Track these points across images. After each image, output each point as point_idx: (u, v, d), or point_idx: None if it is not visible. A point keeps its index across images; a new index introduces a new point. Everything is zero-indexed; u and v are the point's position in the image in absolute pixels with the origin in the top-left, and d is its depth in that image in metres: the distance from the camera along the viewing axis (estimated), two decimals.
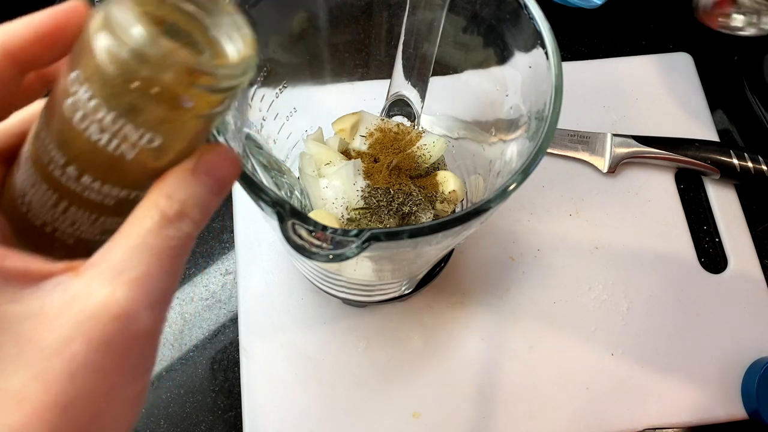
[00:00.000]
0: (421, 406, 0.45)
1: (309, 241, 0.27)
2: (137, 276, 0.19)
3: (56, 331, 0.18)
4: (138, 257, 0.19)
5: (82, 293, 0.19)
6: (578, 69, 0.58)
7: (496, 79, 0.38)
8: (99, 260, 0.19)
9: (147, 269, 0.19)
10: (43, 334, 0.18)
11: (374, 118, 0.43)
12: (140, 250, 0.19)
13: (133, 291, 0.19)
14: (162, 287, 0.20)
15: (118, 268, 0.19)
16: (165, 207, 0.20)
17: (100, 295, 0.19)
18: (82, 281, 0.19)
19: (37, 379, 0.18)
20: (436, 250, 0.38)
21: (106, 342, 0.18)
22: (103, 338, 0.18)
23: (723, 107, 0.60)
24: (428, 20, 0.36)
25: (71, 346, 0.18)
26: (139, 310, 0.19)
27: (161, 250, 0.20)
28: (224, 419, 0.46)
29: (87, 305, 0.18)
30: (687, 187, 0.55)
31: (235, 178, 0.22)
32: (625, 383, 0.47)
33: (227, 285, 0.50)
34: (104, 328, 0.18)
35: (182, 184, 0.20)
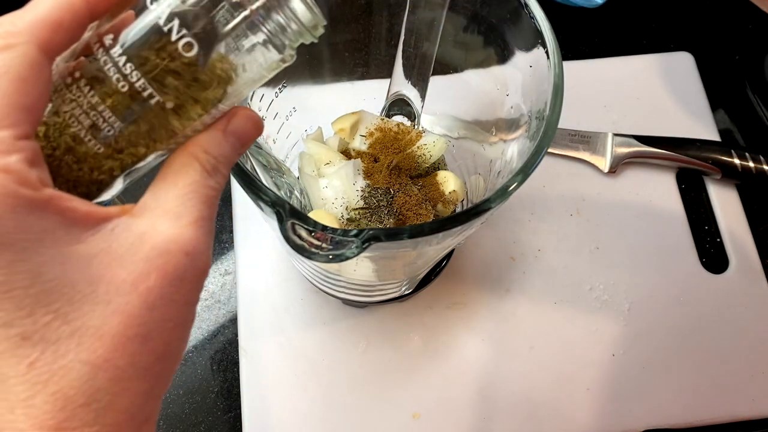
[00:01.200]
0: (421, 406, 0.45)
1: (308, 241, 0.27)
2: (196, 219, 0.21)
3: (129, 267, 0.19)
4: (191, 203, 0.21)
5: (150, 231, 0.20)
6: (579, 68, 0.58)
7: (497, 79, 0.38)
8: (152, 204, 0.21)
9: (200, 214, 0.21)
10: (116, 271, 0.19)
11: (374, 118, 0.43)
12: (192, 197, 0.21)
13: (197, 231, 0.21)
14: (211, 230, 0.22)
15: (177, 211, 0.21)
16: (204, 161, 0.22)
17: (170, 233, 0.20)
18: (145, 221, 0.20)
19: (116, 314, 0.19)
20: (437, 250, 0.37)
21: (179, 276, 0.20)
22: (177, 273, 0.20)
23: (724, 107, 0.60)
24: (428, 19, 0.36)
25: (147, 281, 0.19)
26: (203, 249, 0.21)
27: (207, 198, 0.22)
28: (224, 420, 0.46)
29: (157, 242, 0.20)
30: (688, 186, 0.55)
31: (255, 138, 0.24)
32: (625, 383, 0.47)
33: (226, 285, 0.50)
34: (177, 263, 0.20)
35: (217, 142, 0.23)
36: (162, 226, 0.20)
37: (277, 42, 0.22)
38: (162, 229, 0.20)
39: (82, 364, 0.18)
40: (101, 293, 0.19)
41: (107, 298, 0.19)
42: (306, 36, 0.22)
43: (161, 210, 0.21)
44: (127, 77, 0.21)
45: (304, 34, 0.22)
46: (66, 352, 0.18)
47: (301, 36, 0.22)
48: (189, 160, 0.22)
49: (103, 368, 0.18)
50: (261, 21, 0.21)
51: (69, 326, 0.18)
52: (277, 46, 0.22)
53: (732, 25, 0.63)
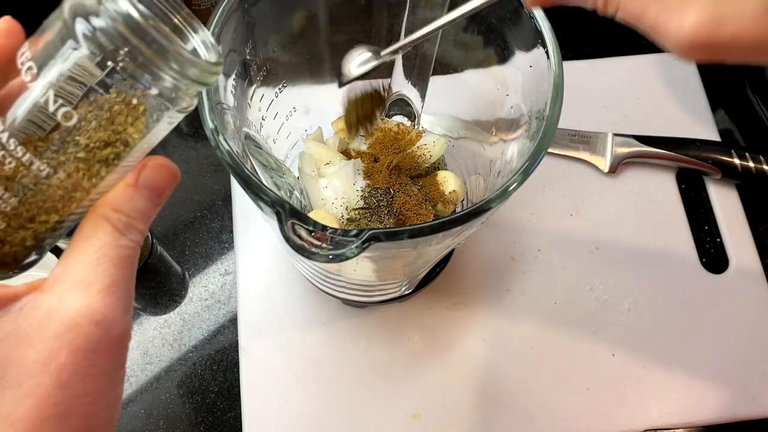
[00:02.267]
0: (421, 406, 0.45)
1: (308, 241, 0.27)
2: (107, 285, 0.20)
3: (38, 346, 0.19)
4: (102, 268, 0.20)
5: (58, 307, 0.19)
6: (579, 68, 0.58)
7: (497, 79, 0.38)
8: (62, 276, 0.20)
9: (113, 279, 0.20)
10: (25, 352, 0.19)
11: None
12: (102, 262, 0.20)
13: (108, 298, 0.20)
14: (128, 294, 0.21)
15: (86, 280, 0.20)
16: (115, 220, 0.21)
17: (78, 306, 0.19)
18: (54, 296, 0.20)
19: (27, 397, 0.18)
20: (437, 250, 0.37)
21: (92, 348, 0.19)
22: (88, 345, 0.19)
23: (724, 107, 0.60)
24: (428, 19, 0.36)
25: (58, 358, 0.19)
26: (117, 316, 0.20)
27: (120, 259, 0.21)
28: (224, 420, 0.46)
29: (65, 317, 0.19)
30: (688, 186, 0.55)
31: (173, 187, 0.23)
32: (626, 383, 0.47)
33: (226, 285, 0.50)
34: (88, 336, 0.19)
35: (127, 198, 0.22)
36: (70, 299, 0.20)
37: (168, 95, 0.21)
38: (70, 302, 0.20)
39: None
40: (11, 377, 0.18)
41: (17, 382, 0.18)
42: (198, 86, 0.22)
43: (70, 281, 0.20)
44: (12, 153, 0.20)
45: (196, 85, 0.21)
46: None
47: (194, 86, 0.21)
48: (98, 222, 0.21)
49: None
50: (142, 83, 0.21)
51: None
52: (170, 100, 0.21)
53: None
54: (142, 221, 0.22)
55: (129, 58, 0.20)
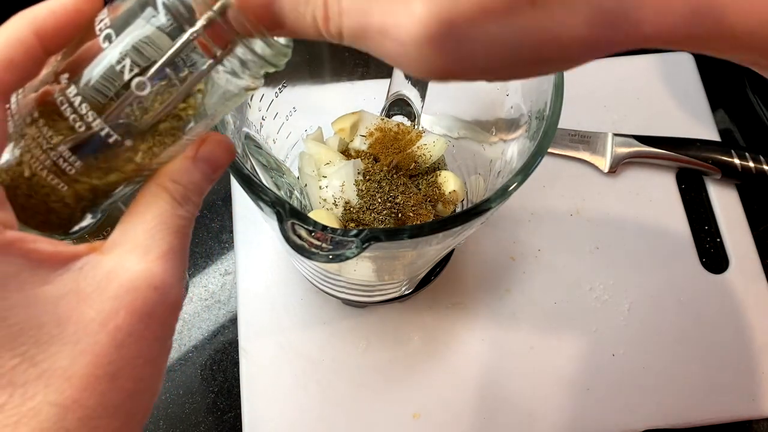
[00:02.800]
0: (421, 406, 0.45)
1: (308, 241, 0.27)
2: (165, 252, 0.21)
3: (97, 305, 0.19)
4: (160, 235, 0.21)
5: (117, 269, 0.20)
6: (579, 68, 0.57)
7: None
8: (121, 240, 0.21)
9: (170, 246, 0.21)
10: (84, 310, 0.19)
11: (374, 118, 0.43)
12: (161, 229, 0.21)
13: (166, 264, 0.21)
14: (183, 262, 0.22)
15: (145, 245, 0.21)
16: (173, 190, 0.22)
17: (137, 269, 0.20)
18: (113, 258, 0.20)
19: (84, 354, 0.19)
20: (437, 250, 0.37)
21: (148, 312, 0.20)
22: (145, 309, 0.20)
23: (724, 107, 0.60)
24: None
25: (116, 318, 0.19)
26: (173, 282, 0.21)
27: (177, 228, 0.21)
28: (223, 420, 0.46)
29: (125, 279, 0.20)
30: (688, 186, 0.55)
31: (228, 164, 0.24)
32: (626, 383, 0.47)
33: (226, 285, 0.50)
34: (146, 299, 0.20)
35: (185, 170, 0.22)
36: (129, 262, 0.20)
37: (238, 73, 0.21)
38: (129, 265, 0.20)
39: (51, 405, 0.18)
40: (69, 333, 0.19)
41: (75, 338, 0.19)
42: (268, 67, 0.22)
43: (130, 245, 0.20)
44: (84, 117, 0.20)
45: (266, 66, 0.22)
46: (34, 395, 0.18)
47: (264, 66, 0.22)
48: (157, 190, 0.22)
49: (72, 409, 0.18)
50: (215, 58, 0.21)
51: (36, 368, 0.18)
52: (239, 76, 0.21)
53: None
54: (197, 194, 0.22)
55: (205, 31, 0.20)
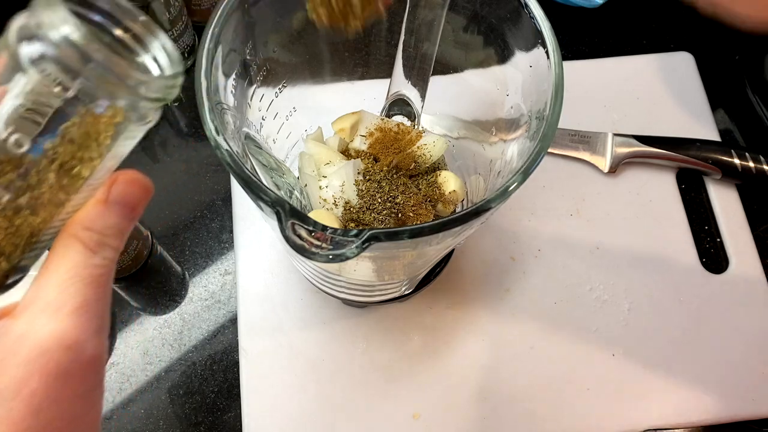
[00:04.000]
0: (421, 406, 0.45)
1: (308, 241, 0.27)
2: (78, 306, 0.20)
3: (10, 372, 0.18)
4: (73, 289, 0.20)
5: (28, 332, 0.19)
6: (579, 68, 0.58)
7: (497, 79, 0.38)
8: (33, 299, 0.20)
9: (84, 299, 0.20)
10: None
11: (374, 118, 0.43)
12: (73, 282, 0.20)
13: (79, 320, 0.20)
14: (101, 313, 0.20)
15: (57, 302, 0.20)
16: (85, 239, 0.21)
17: (48, 330, 0.19)
18: (23, 321, 0.19)
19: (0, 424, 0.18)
20: (437, 250, 0.37)
21: (63, 372, 0.19)
22: (60, 369, 0.19)
23: (724, 107, 0.60)
24: (428, 19, 0.36)
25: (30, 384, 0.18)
26: (88, 337, 0.20)
27: (93, 279, 0.20)
28: (223, 420, 0.46)
29: (36, 342, 0.19)
30: (688, 187, 0.55)
31: (147, 200, 0.23)
32: (626, 384, 0.47)
33: (226, 285, 0.50)
34: (59, 360, 0.19)
35: (98, 215, 0.21)
36: (40, 323, 0.19)
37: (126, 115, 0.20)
38: (40, 326, 0.19)
39: None
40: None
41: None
42: (155, 103, 0.21)
43: (41, 304, 0.20)
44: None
45: (152, 102, 0.21)
46: None
47: (152, 102, 0.21)
48: (69, 241, 0.21)
49: None
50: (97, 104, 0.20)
51: None
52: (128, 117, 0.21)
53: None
54: (115, 237, 0.21)
55: (78, 82, 0.19)
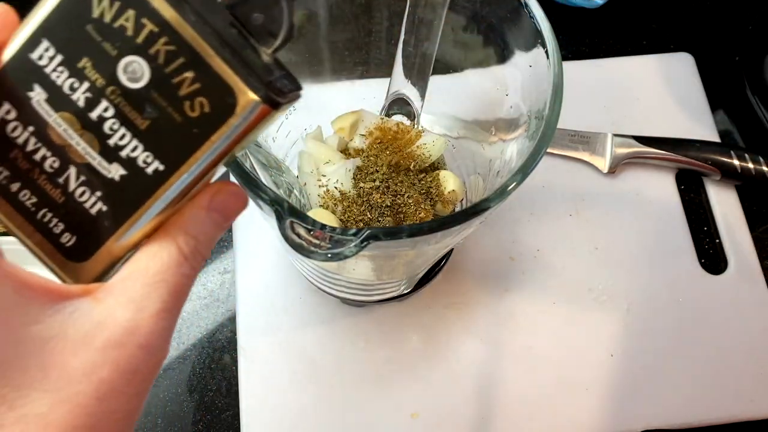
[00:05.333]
0: (419, 406, 0.45)
1: (307, 239, 0.27)
2: (158, 311, 0.20)
3: (83, 356, 0.19)
4: (157, 293, 0.20)
5: (107, 321, 0.20)
6: (579, 68, 0.58)
7: (496, 78, 0.38)
8: (118, 289, 0.20)
9: (164, 306, 0.20)
10: (69, 359, 0.19)
11: (374, 117, 0.43)
12: (159, 287, 0.20)
13: (156, 325, 0.20)
14: (174, 322, 0.21)
15: (140, 301, 0.20)
16: (182, 244, 0.21)
17: (127, 326, 0.20)
18: (105, 309, 0.20)
19: (64, 403, 0.18)
20: (436, 249, 0.37)
21: (132, 370, 0.20)
22: (130, 366, 0.20)
23: (724, 107, 0.60)
24: (428, 19, 0.36)
25: (100, 372, 0.19)
26: (160, 343, 0.20)
27: (177, 287, 0.21)
28: (222, 418, 0.46)
29: (114, 333, 0.19)
30: (687, 187, 0.55)
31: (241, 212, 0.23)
32: (624, 384, 0.47)
33: (225, 284, 0.50)
34: (131, 357, 0.20)
35: (198, 221, 0.22)
36: (121, 316, 0.20)
37: None
38: (121, 319, 0.20)
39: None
40: (52, 380, 0.18)
41: (58, 386, 0.18)
42: None
43: (125, 297, 0.20)
44: None
45: None
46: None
47: None
48: (166, 242, 0.21)
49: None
50: None
51: (14, 413, 0.18)
52: None
53: (732, 26, 0.63)
54: (207, 246, 0.22)
55: None
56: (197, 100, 0.19)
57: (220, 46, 0.19)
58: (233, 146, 0.20)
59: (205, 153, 0.20)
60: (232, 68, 0.19)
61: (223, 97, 0.19)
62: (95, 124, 0.20)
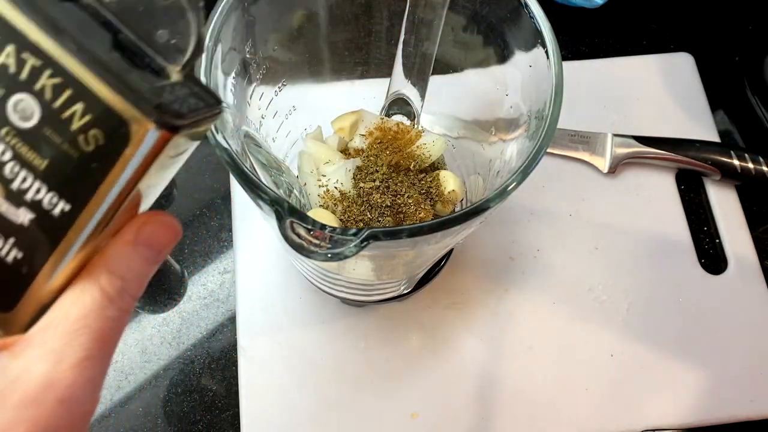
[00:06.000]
0: (419, 406, 0.45)
1: (307, 239, 0.27)
2: (80, 360, 0.19)
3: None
4: (78, 342, 0.19)
5: (24, 376, 0.18)
6: (579, 68, 0.58)
7: (496, 78, 0.38)
8: (37, 341, 0.19)
9: (88, 354, 0.19)
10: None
11: (374, 117, 0.43)
12: (81, 333, 0.19)
13: (78, 376, 0.19)
14: (102, 369, 0.20)
15: (60, 352, 0.19)
16: (106, 284, 0.20)
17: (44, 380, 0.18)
18: (22, 363, 0.19)
19: None
20: (436, 249, 0.37)
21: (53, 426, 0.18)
22: (49, 423, 0.18)
23: (724, 108, 0.60)
24: (428, 19, 0.36)
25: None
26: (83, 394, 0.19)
27: (101, 333, 0.19)
28: (222, 418, 0.46)
29: (30, 389, 0.18)
30: (687, 187, 0.55)
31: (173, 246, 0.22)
32: (624, 384, 0.47)
33: (225, 284, 0.50)
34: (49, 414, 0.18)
35: (122, 257, 0.20)
36: (38, 370, 0.18)
37: None
38: (37, 373, 0.18)
39: None
40: None
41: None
42: None
43: (43, 349, 0.19)
44: None
45: None
46: None
47: None
48: (88, 285, 0.19)
49: None
50: None
51: None
52: None
53: (732, 26, 0.63)
54: (136, 284, 0.20)
55: None
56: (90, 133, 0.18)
57: (104, 72, 0.18)
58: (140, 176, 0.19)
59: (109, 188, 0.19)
60: (120, 94, 0.18)
61: (116, 127, 0.18)
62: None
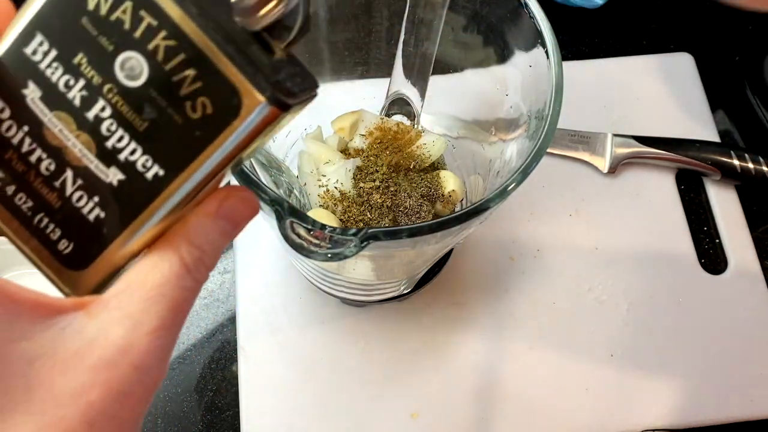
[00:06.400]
0: (419, 406, 0.45)
1: (307, 239, 0.27)
2: (155, 328, 0.19)
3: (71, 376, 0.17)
4: (155, 309, 0.19)
5: (100, 338, 0.18)
6: (579, 68, 0.58)
7: (496, 78, 0.38)
8: (113, 304, 0.19)
9: (163, 322, 0.19)
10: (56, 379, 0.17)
11: (374, 117, 0.43)
12: (158, 302, 0.19)
13: (153, 343, 0.19)
14: (173, 339, 0.20)
15: (136, 317, 0.18)
16: (185, 254, 0.19)
17: (120, 345, 0.18)
18: (98, 325, 0.18)
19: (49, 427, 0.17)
20: (436, 249, 0.37)
21: (125, 392, 0.18)
22: (122, 388, 0.18)
23: (724, 108, 0.60)
24: (428, 19, 0.36)
25: (90, 394, 0.17)
26: (156, 363, 0.19)
27: (177, 302, 0.19)
28: (222, 418, 0.46)
29: (106, 352, 0.18)
30: (687, 187, 0.55)
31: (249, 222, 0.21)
32: (624, 384, 0.47)
33: (225, 284, 0.50)
34: (123, 379, 0.18)
35: (203, 229, 0.20)
36: (115, 334, 0.18)
37: None
38: (114, 337, 0.18)
39: None
40: (37, 402, 0.17)
41: (43, 409, 0.17)
42: None
43: (120, 313, 0.18)
44: None
45: None
46: None
47: None
48: (167, 253, 0.19)
49: None
50: None
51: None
52: None
53: (732, 26, 0.63)
54: (213, 256, 0.20)
55: None
56: (199, 100, 0.18)
57: (224, 41, 0.18)
58: (240, 151, 0.19)
59: (208, 158, 0.19)
60: (237, 66, 0.18)
61: (227, 97, 0.18)
62: (92, 124, 0.19)
